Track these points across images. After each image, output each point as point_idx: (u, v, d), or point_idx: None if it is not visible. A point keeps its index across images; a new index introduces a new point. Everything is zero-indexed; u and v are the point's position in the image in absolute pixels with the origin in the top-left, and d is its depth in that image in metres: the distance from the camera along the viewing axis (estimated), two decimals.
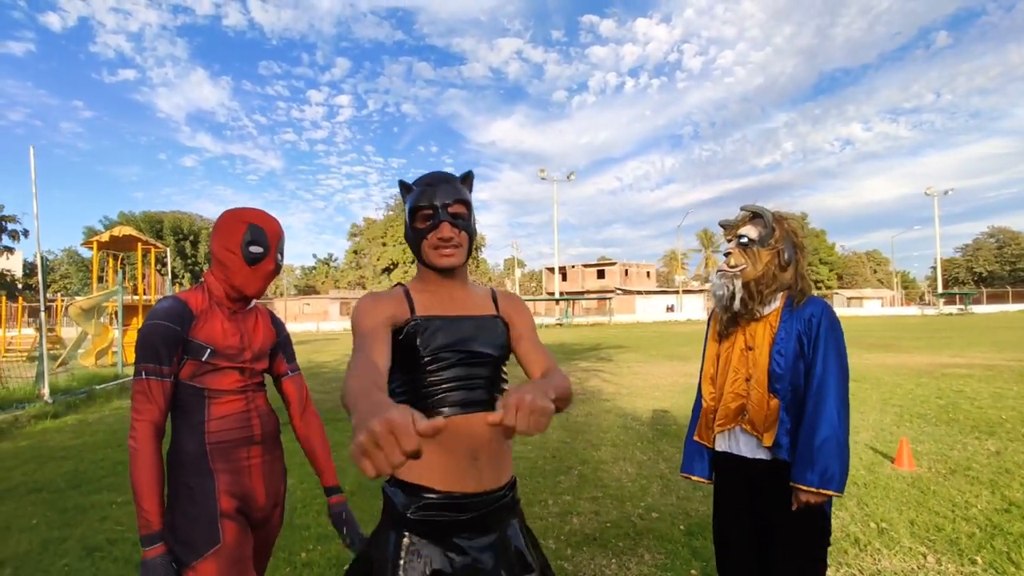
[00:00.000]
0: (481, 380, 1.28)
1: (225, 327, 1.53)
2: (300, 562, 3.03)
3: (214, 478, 1.45)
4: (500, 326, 1.36)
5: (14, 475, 4.88)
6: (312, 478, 4.51)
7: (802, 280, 1.92)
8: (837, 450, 1.72)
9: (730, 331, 1.97)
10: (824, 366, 1.79)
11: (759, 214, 1.95)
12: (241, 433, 1.51)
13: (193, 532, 1.40)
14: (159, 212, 56.12)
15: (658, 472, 4.47)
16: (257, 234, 1.52)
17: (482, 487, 1.22)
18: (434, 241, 1.28)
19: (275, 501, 1.61)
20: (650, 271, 67.80)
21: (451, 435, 1.20)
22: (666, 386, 9.06)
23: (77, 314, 14.42)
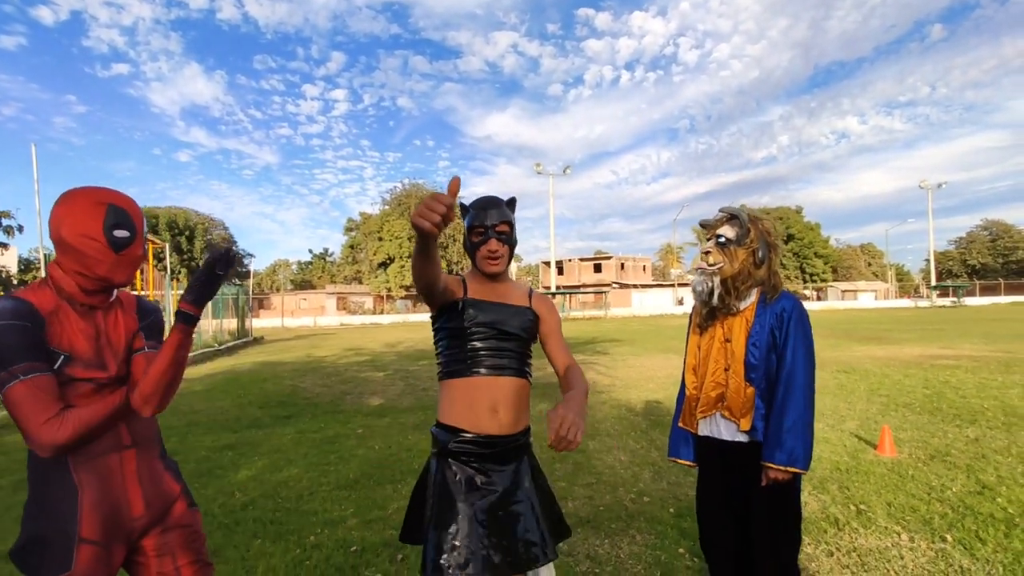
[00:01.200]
0: (508, 352, 1.68)
1: (81, 327, 1.37)
2: (309, 544, 3.19)
3: (78, 494, 1.32)
4: (530, 315, 1.76)
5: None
6: (315, 467, 4.67)
7: (775, 276, 2.10)
8: (803, 433, 1.90)
9: (709, 324, 2.16)
10: (793, 356, 1.96)
11: (735, 215, 2.12)
12: (108, 441, 1.38)
13: (44, 553, 1.30)
14: (154, 207, 55.93)
15: (650, 460, 4.64)
16: (121, 216, 1.35)
17: (501, 431, 1.63)
18: (484, 252, 1.69)
19: (164, 502, 1.49)
20: (646, 265, 68.03)
21: (480, 390, 1.63)
22: (660, 378, 9.24)
23: None
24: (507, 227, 1.70)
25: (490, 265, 1.70)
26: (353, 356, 15.21)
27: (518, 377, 1.69)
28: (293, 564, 2.94)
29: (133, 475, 1.42)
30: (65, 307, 1.36)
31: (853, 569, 2.74)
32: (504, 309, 1.70)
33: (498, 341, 1.67)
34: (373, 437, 5.68)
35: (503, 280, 1.78)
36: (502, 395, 1.64)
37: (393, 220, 54.37)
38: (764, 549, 2.03)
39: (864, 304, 53.92)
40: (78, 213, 1.32)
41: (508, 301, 1.73)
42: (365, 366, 12.55)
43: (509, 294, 1.76)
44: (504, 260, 1.71)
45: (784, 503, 2.00)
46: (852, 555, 2.88)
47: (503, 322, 1.68)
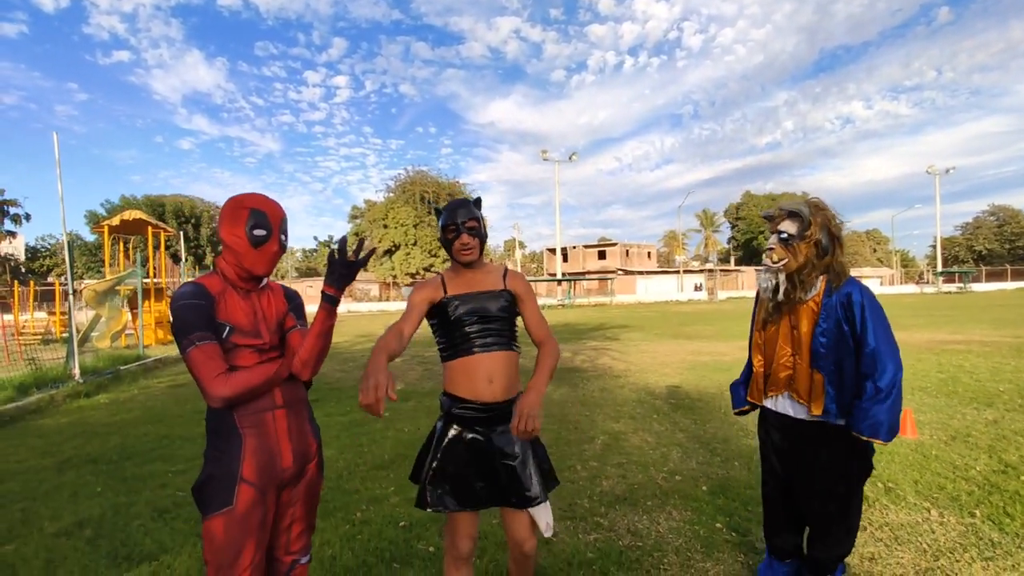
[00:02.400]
0: (493, 331, 1.97)
1: (241, 306, 1.66)
2: (357, 520, 3.31)
3: (242, 440, 1.59)
4: (506, 296, 2.02)
5: (65, 448, 5.17)
6: (349, 449, 4.81)
7: (839, 264, 2.17)
8: (889, 408, 2.02)
9: (777, 317, 2.26)
10: (875, 338, 2.06)
11: (797, 211, 2.17)
12: (265, 401, 1.65)
13: (213, 490, 1.57)
14: (160, 196, 55.98)
15: (676, 441, 4.75)
16: (260, 218, 1.63)
17: (495, 399, 1.94)
18: (458, 246, 1.97)
19: (305, 458, 1.73)
20: (651, 251, 67.94)
21: (476, 366, 1.93)
22: (674, 363, 9.35)
23: (91, 297, 14.65)
24: (475, 222, 1.99)
25: (464, 255, 1.98)
26: (367, 342, 15.36)
27: (506, 350, 1.99)
28: (346, 538, 3.07)
29: (284, 431, 1.68)
30: (229, 290, 1.66)
31: (887, 542, 2.85)
32: (482, 296, 1.98)
33: (483, 324, 1.96)
34: (400, 420, 5.80)
35: (478, 267, 2.06)
36: (495, 367, 1.94)
37: (397, 208, 54.28)
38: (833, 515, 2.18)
39: None
40: (229, 216, 1.63)
41: (484, 287, 2.01)
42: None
43: (484, 280, 2.03)
44: (475, 250, 1.99)
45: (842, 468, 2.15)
46: (884, 529, 2.99)
47: (483, 308, 1.97)
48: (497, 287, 2.02)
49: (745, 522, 3.13)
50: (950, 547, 2.78)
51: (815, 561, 2.24)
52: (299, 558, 1.77)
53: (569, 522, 3.22)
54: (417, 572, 2.69)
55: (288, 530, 1.73)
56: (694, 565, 2.70)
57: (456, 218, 1.97)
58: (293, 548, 1.75)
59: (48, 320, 19.80)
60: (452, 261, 2.04)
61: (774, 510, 2.41)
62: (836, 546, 2.20)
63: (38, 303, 24.67)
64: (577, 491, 3.68)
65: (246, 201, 1.65)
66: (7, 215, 51.50)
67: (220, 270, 1.68)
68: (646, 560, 2.76)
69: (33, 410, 6.99)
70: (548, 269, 61.97)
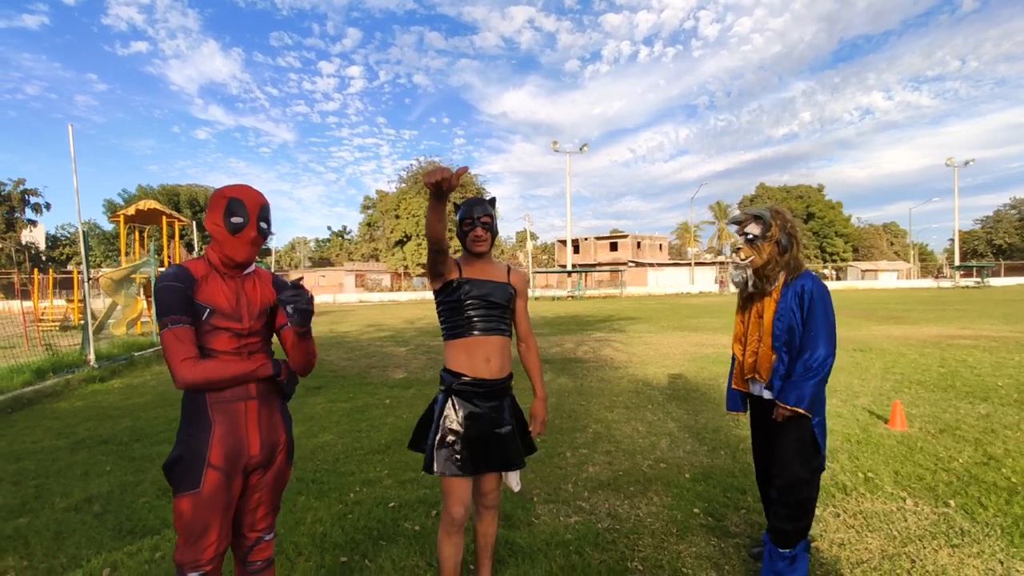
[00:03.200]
0: (495, 317, 2.19)
1: (224, 290, 1.72)
2: (350, 501, 3.46)
3: (212, 427, 1.66)
4: (509, 289, 2.26)
5: (79, 430, 5.38)
6: (348, 434, 4.96)
7: (795, 260, 2.46)
8: (814, 385, 2.29)
9: (749, 305, 2.59)
10: (815, 326, 2.33)
11: (759, 215, 2.49)
12: (238, 392, 1.70)
13: (181, 471, 1.65)
14: (175, 185, 56.71)
15: (667, 430, 4.85)
16: (236, 206, 1.68)
17: (492, 376, 2.16)
18: (472, 237, 2.21)
19: (273, 448, 1.79)
20: (663, 244, 67.59)
21: (476, 346, 2.15)
22: (676, 355, 9.41)
23: (108, 285, 14.99)
24: (488, 219, 2.21)
25: (477, 246, 2.21)
26: (375, 332, 15.57)
27: (503, 335, 2.21)
28: (338, 517, 3.21)
29: (255, 421, 1.75)
30: (214, 274, 1.75)
31: (858, 529, 2.93)
32: (490, 284, 2.20)
33: (487, 310, 2.17)
34: (400, 407, 5.95)
35: (487, 260, 2.28)
36: (493, 349, 2.17)
37: (410, 198, 54.45)
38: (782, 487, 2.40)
39: (884, 284, 53.20)
40: (211, 206, 1.72)
41: (492, 278, 2.23)
42: (387, 341, 12.88)
43: (493, 271, 2.25)
44: (487, 243, 2.22)
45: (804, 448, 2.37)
46: (858, 517, 3.07)
47: (490, 295, 2.18)
48: (502, 279, 2.26)
49: (722, 508, 3.23)
50: (919, 534, 2.86)
51: (775, 531, 2.41)
52: (263, 535, 1.87)
53: (552, 505, 3.34)
54: (401, 549, 2.82)
55: (254, 511, 1.83)
56: (667, 547, 2.81)
57: (473, 213, 2.20)
58: (258, 527, 1.85)
59: (66, 307, 20.28)
60: (464, 251, 2.26)
61: (764, 487, 2.69)
62: (791, 518, 2.36)
63: (57, 291, 25.23)
64: (563, 476, 3.80)
65: (226, 191, 1.71)
66: (28, 204, 52.52)
67: (207, 256, 1.77)
68: (622, 542, 2.87)
69: (50, 393, 7.25)
70: (559, 260, 61.93)
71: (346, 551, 2.82)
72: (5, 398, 6.48)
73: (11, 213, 51.72)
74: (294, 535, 2.99)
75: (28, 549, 2.95)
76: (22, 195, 52.00)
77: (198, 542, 1.65)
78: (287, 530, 3.05)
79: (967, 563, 2.57)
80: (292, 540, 2.93)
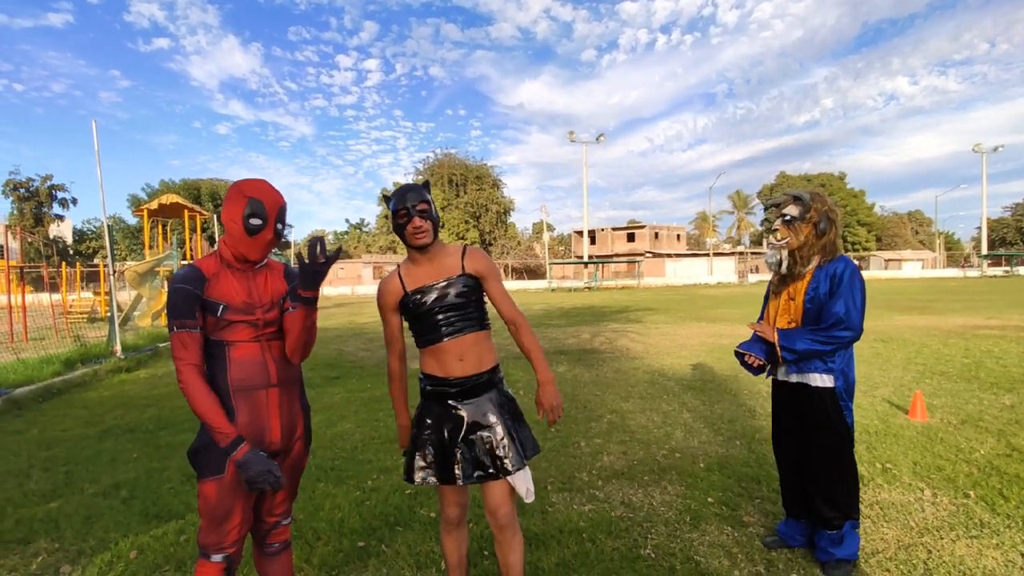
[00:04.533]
0: (458, 316, 1.99)
1: (235, 285, 1.74)
2: (368, 488, 3.52)
3: (234, 416, 1.69)
4: (465, 280, 2.00)
5: (107, 419, 5.55)
6: (366, 423, 5.04)
7: (831, 244, 2.47)
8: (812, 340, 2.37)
9: (782, 288, 2.58)
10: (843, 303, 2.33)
11: (799, 196, 2.49)
12: (259, 379, 1.74)
13: (207, 458, 1.69)
14: (196, 179, 57.60)
15: (682, 420, 4.84)
16: (256, 207, 1.69)
17: (467, 373, 1.99)
18: (410, 230, 1.95)
19: (292, 435, 1.84)
20: (680, 234, 66.94)
21: (446, 350, 1.98)
22: (693, 346, 9.35)
23: (132, 278, 15.31)
24: (426, 205, 1.96)
25: (417, 239, 1.95)
26: None
27: (475, 331, 2.01)
28: (356, 503, 3.28)
29: (275, 408, 1.79)
30: (225, 270, 1.77)
31: (874, 519, 2.91)
32: (439, 287, 1.98)
33: (446, 313, 1.98)
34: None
35: (433, 251, 2.01)
36: (465, 348, 1.99)
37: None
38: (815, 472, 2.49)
39: (909, 273, 52.11)
40: (229, 201, 1.72)
41: (441, 275, 2.00)
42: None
43: (441, 266, 2.01)
44: (429, 233, 1.96)
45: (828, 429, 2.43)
46: (874, 507, 3.05)
47: (443, 297, 1.98)
48: (455, 272, 2.00)
49: (736, 497, 3.23)
50: (937, 525, 2.83)
51: (820, 516, 2.47)
52: (281, 520, 1.94)
53: (566, 493, 3.36)
54: (416, 534, 2.87)
55: (273, 496, 1.88)
56: (680, 535, 2.82)
57: (406, 202, 1.94)
58: (276, 511, 1.91)
59: (94, 300, 20.77)
60: (407, 248, 2.03)
61: (785, 472, 2.69)
62: (835, 500, 2.42)
63: (84, 283, 25.84)
64: (578, 465, 3.82)
65: (246, 188, 1.71)
66: (55, 199, 53.74)
67: (219, 251, 1.78)
68: (635, 530, 2.89)
69: (78, 383, 7.46)
70: (576, 252, 61.72)
71: (363, 536, 2.88)
72: (36, 388, 6.69)
73: (39, 208, 52.97)
74: (313, 520, 3.06)
75: (59, 532, 3.06)
76: (49, 190, 53.21)
77: (222, 526, 1.72)
78: (306, 516, 3.12)
79: (986, 554, 2.54)
80: (311, 525, 3.00)
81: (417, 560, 2.64)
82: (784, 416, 2.64)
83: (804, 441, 2.52)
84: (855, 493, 2.47)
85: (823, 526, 2.47)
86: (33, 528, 3.11)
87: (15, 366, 7.33)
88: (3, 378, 6.53)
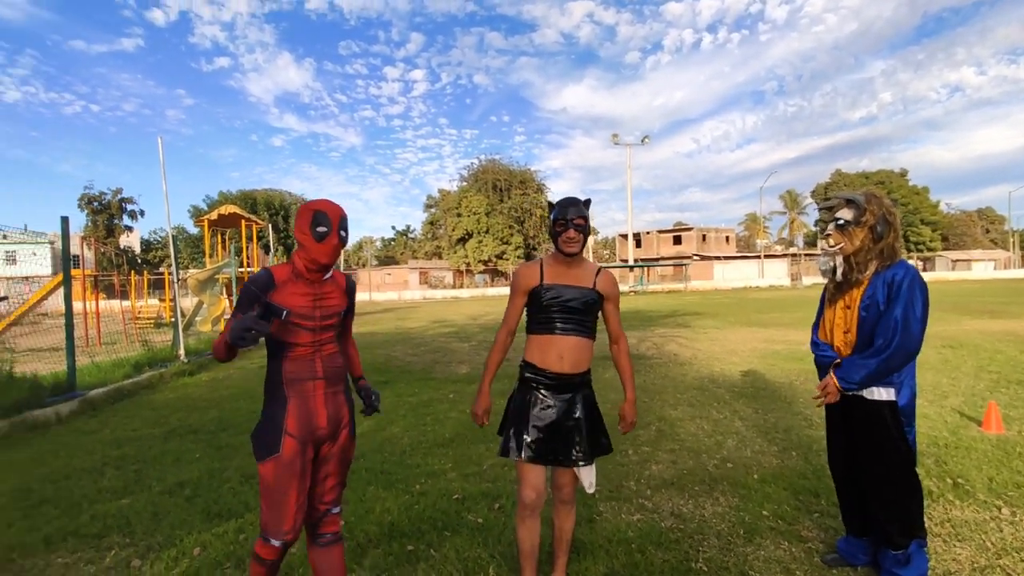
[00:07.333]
0: (573, 320, 2.27)
1: (302, 293, 1.97)
2: (416, 492, 3.57)
3: (287, 404, 1.95)
4: (592, 295, 2.29)
5: (171, 420, 5.84)
6: (414, 428, 5.12)
7: (890, 249, 2.33)
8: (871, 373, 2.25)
9: (837, 296, 2.46)
10: (901, 312, 2.21)
11: (852, 199, 2.37)
12: (308, 371, 1.99)
13: (265, 440, 1.94)
14: (252, 190, 60.06)
15: (733, 429, 4.70)
16: (321, 218, 1.93)
17: (563, 371, 2.25)
18: (564, 239, 2.24)
19: (338, 424, 2.06)
20: (729, 236, 65.18)
21: (551, 344, 2.26)
22: (744, 351, 9.08)
23: (194, 285, 16.09)
24: (582, 220, 2.24)
25: (568, 247, 2.24)
26: (439, 328, 15.93)
27: (581, 336, 2.27)
28: (404, 507, 3.33)
29: (321, 399, 2.02)
30: (295, 280, 1.99)
31: (945, 538, 2.74)
32: (570, 290, 2.26)
33: (565, 313, 2.25)
34: (464, 402, 6.08)
35: (577, 261, 2.31)
36: (566, 348, 2.24)
37: (471, 196, 55.19)
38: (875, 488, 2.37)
39: (979, 274, 48.98)
40: (300, 218, 1.97)
41: (577, 282, 2.28)
42: (451, 337, 13.15)
43: (579, 275, 2.30)
44: (579, 244, 2.25)
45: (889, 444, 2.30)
46: (945, 525, 2.87)
47: (570, 300, 2.25)
48: (587, 284, 2.29)
49: (793, 511, 3.11)
50: (1017, 546, 2.64)
51: (883, 534, 2.35)
52: (331, 508, 2.10)
53: (614, 502, 3.32)
54: (464, 540, 2.89)
55: (323, 482, 2.07)
56: (734, 550, 2.73)
57: (567, 214, 2.23)
58: (326, 499, 2.09)
59: (159, 306, 21.94)
60: (555, 250, 2.31)
61: (842, 487, 2.57)
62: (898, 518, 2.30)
63: (151, 291, 27.32)
64: (625, 474, 3.77)
65: (312, 205, 1.98)
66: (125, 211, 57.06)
67: (293, 262, 2.02)
68: (686, 542, 2.82)
69: (146, 385, 7.89)
70: (620, 255, 60.97)
71: (412, 540, 2.93)
72: (109, 390, 7.11)
73: (110, 220, 56.28)
74: (364, 523, 3.13)
75: (130, 528, 3.24)
76: (120, 203, 56.49)
77: (280, 509, 1.92)
78: (357, 518, 3.19)
79: None
80: (362, 528, 3.07)
81: (465, 566, 2.65)
82: (838, 427, 2.53)
83: (860, 455, 2.40)
84: (919, 511, 2.34)
85: (887, 545, 2.35)
86: (107, 523, 3.30)
87: (90, 369, 7.81)
88: (80, 380, 6.97)
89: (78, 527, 3.25)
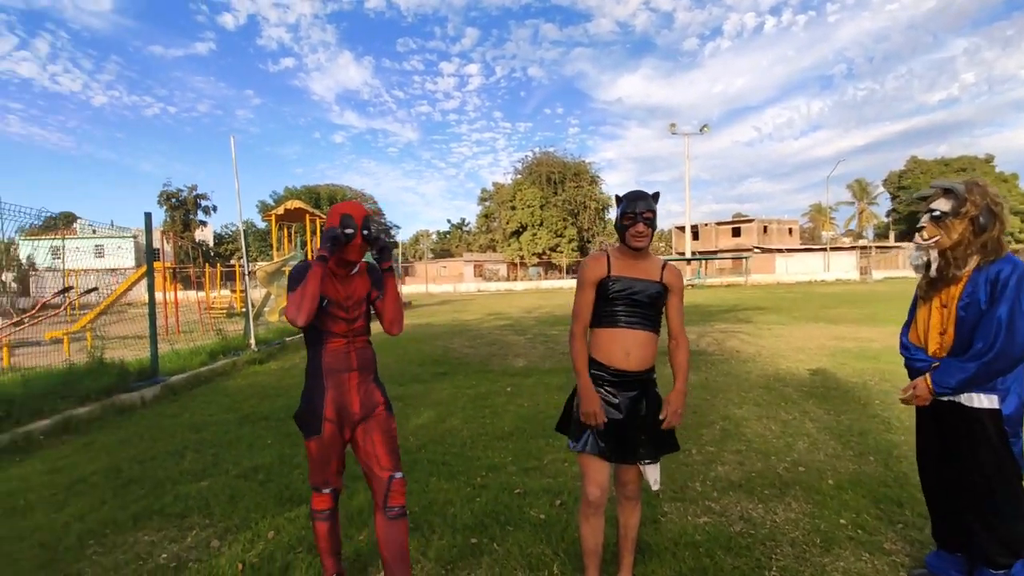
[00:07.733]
0: (639, 313, 2.24)
1: (335, 285, 2.24)
2: (477, 484, 3.61)
3: (325, 391, 2.22)
4: (658, 288, 2.25)
5: (244, 407, 6.14)
6: (473, 420, 5.17)
7: (994, 242, 2.13)
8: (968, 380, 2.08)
9: (931, 293, 2.29)
10: (1007, 310, 2.02)
11: (950, 188, 2.18)
12: (344, 363, 2.25)
13: (310, 423, 2.24)
14: (315, 185, 62.29)
15: (804, 431, 4.49)
16: (347, 220, 2.15)
17: (629, 368, 2.22)
18: (632, 232, 2.20)
19: (370, 409, 2.29)
20: (792, 227, 62.35)
21: (617, 338, 2.23)
22: (812, 349, 8.67)
23: (263, 277, 16.82)
24: (651, 214, 2.20)
25: (636, 242, 2.21)
26: (495, 320, 16.04)
27: (647, 331, 2.24)
28: (466, 499, 3.37)
29: (355, 387, 2.29)
30: (328, 277, 2.26)
31: None
32: (638, 283, 2.23)
33: (631, 306, 2.22)
34: (521, 395, 6.09)
35: (644, 254, 2.28)
36: (633, 343, 2.21)
37: (525, 189, 55.13)
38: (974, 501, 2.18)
39: None
40: (329, 220, 2.23)
41: (644, 275, 2.25)
42: (507, 330, 13.21)
43: (646, 268, 2.27)
44: (647, 239, 2.21)
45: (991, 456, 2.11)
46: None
47: (636, 293, 2.22)
48: (654, 277, 2.26)
49: (874, 520, 2.94)
50: None
51: (981, 551, 2.19)
52: (393, 473, 2.27)
53: (679, 504, 3.24)
54: (527, 535, 2.89)
55: (375, 452, 2.28)
56: (810, 559, 2.61)
57: (636, 208, 2.20)
58: (384, 464, 2.27)
59: (231, 297, 23.14)
60: (622, 243, 2.28)
61: (933, 499, 2.41)
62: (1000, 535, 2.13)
63: (223, 282, 28.84)
64: (690, 474, 3.67)
65: (339, 208, 2.23)
66: (199, 207, 60.51)
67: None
68: (757, 548, 2.71)
69: (221, 373, 8.34)
70: (676, 248, 59.49)
71: (475, 532, 2.95)
72: (188, 376, 7.56)
73: (187, 215, 59.87)
74: (428, 514, 3.18)
75: (209, 509, 3.42)
76: (195, 199, 59.98)
77: (325, 470, 2.31)
78: (421, 509, 3.25)
79: None
80: (426, 519, 3.12)
81: (529, 562, 2.65)
82: (929, 432, 2.34)
83: (957, 465, 2.22)
84: (1018, 524, 2.13)
85: (985, 563, 2.17)
86: (188, 504, 3.50)
87: (171, 356, 8.32)
88: (162, 366, 7.44)
89: (163, 506, 3.47)
